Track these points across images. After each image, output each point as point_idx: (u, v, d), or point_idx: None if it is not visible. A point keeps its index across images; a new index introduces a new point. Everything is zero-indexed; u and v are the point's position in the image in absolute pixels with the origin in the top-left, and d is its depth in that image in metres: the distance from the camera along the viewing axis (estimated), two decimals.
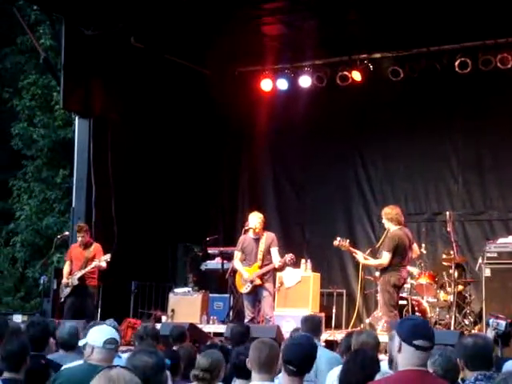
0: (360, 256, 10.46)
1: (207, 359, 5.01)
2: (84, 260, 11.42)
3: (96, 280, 11.53)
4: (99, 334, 5.09)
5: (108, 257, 11.36)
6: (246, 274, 10.56)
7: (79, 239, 11.57)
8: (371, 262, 10.42)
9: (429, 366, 4.27)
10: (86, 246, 11.56)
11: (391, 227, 10.05)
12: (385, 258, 9.90)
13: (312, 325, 6.98)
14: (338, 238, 10.54)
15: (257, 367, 4.68)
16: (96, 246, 11.63)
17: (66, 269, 11.63)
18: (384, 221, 10.19)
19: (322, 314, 11.60)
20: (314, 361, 4.88)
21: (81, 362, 5.18)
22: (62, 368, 5.11)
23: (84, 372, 4.89)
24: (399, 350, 3.86)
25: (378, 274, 10.41)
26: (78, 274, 11.33)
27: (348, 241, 10.52)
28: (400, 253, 9.89)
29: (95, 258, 11.40)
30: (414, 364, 3.83)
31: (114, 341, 5.07)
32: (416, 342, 3.81)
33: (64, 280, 11.47)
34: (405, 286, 11.40)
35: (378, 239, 12.47)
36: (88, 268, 11.33)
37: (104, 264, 11.36)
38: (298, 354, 4.70)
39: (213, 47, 13.09)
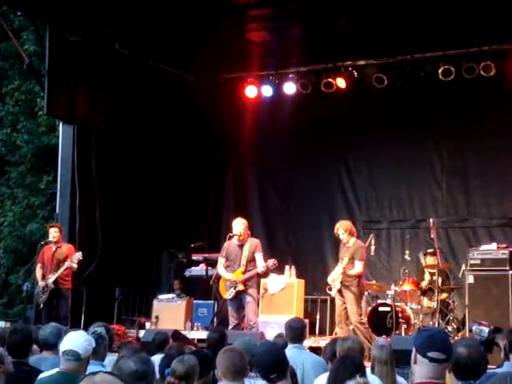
0: (338, 271, 10.69)
1: (183, 366, 4.88)
2: (56, 262, 11.24)
3: (70, 283, 11.38)
4: (63, 344, 5.12)
5: (79, 255, 11.18)
6: (229, 276, 10.57)
7: (51, 237, 11.38)
8: (352, 271, 10.61)
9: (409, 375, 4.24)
10: (58, 246, 11.38)
11: (351, 239, 10.65)
12: (360, 266, 10.55)
13: (296, 330, 6.94)
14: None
15: (230, 376, 4.70)
16: (68, 247, 11.49)
17: (38, 272, 11.44)
18: (343, 234, 10.65)
19: (306, 321, 11.54)
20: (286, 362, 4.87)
21: (57, 369, 5.22)
22: (38, 378, 5.11)
23: (56, 381, 5.00)
24: (415, 362, 3.76)
25: (337, 287, 10.66)
26: (52, 277, 11.15)
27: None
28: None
29: (67, 259, 11.21)
30: (429, 376, 3.72)
31: (72, 352, 5.03)
32: (430, 354, 3.70)
33: (40, 283, 11.28)
34: (388, 292, 11.68)
35: None
36: (61, 270, 11.12)
37: (75, 265, 11.19)
38: (271, 361, 4.72)
39: (197, 53, 13.07)
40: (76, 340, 5.11)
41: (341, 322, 10.69)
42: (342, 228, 10.70)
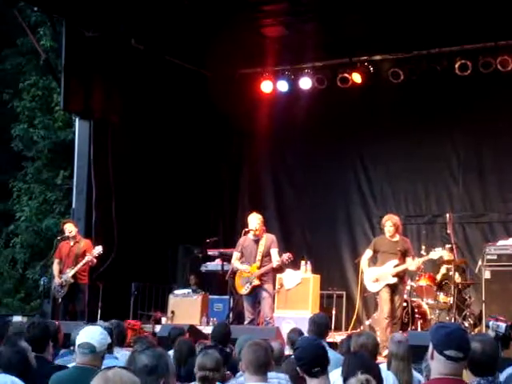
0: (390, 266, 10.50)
1: (212, 359, 5.05)
2: (74, 257, 11.20)
3: (87, 278, 11.35)
4: (79, 337, 5.14)
5: (100, 249, 11.16)
6: (244, 267, 10.55)
7: (67, 232, 11.35)
8: (412, 266, 10.62)
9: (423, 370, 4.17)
10: (76, 241, 11.36)
11: (396, 235, 10.56)
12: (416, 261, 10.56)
13: (320, 325, 6.92)
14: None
15: (253, 369, 4.74)
16: (86, 242, 11.46)
17: (55, 267, 11.38)
18: (391, 227, 10.52)
19: None
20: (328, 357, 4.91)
21: (73, 364, 5.28)
22: (53, 375, 5.16)
23: (71, 375, 5.05)
24: (431, 357, 3.74)
25: (393, 281, 10.46)
26: (71, 272, 11.10)
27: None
28: None
29: (86, 254, 11.18)
30: (446, 373, 3.69)
31: (87, 345, 5.06)
32: (447, 352, 3.67)
33: (57, 279, 11.22)
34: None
35: None
36: (80, 264, 11.08)
37: (95, 259, 11.19)
38: (315, 355, 4.73)
39: (213, 49, 13.04)
40: (91, 333, 5.13)
41: (390, 316, 10.42)
42: (392, 221, 10.58)
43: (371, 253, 10.74)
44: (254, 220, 10.65)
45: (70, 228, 11.43)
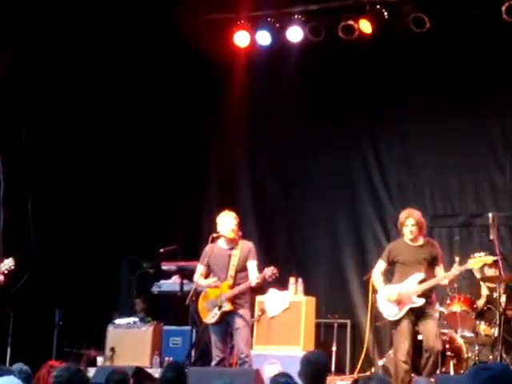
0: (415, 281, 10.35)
1: None
2: None
3: None
4: None
5: (10, 262, 10.73)
6: (210, 281, 10.40)
7: None
8: (445, 280, 10.43)
9: None
10: None
11: (420, 237, 10.43)
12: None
13: (316, 367, 6.79)
14: None
15: None
16: None
17: None
18: (412, 227, 10.35)
19: None
20: None
21: None
22: None
23: None
24: None
25: (419, 303, 10.20)
26: None
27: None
28: None
29: None
30: None
31: None
32: None
33: None
34: None
35: None
36: None
37: (2, 276, 10.75)
38: None
39: None
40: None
41: (409, 360, 10.17)
42: (414, 218, 10.36)
43: (385, 264, 10.57)
44: (227, 221, 10.48)
45: None
